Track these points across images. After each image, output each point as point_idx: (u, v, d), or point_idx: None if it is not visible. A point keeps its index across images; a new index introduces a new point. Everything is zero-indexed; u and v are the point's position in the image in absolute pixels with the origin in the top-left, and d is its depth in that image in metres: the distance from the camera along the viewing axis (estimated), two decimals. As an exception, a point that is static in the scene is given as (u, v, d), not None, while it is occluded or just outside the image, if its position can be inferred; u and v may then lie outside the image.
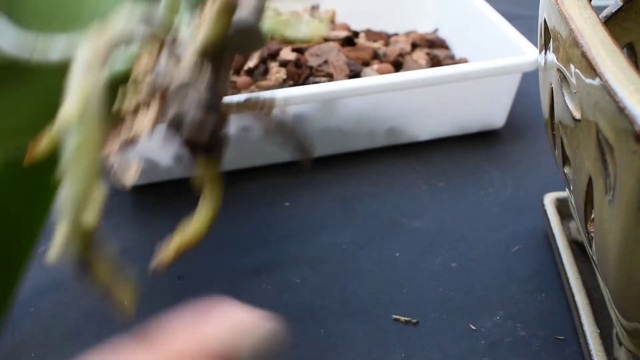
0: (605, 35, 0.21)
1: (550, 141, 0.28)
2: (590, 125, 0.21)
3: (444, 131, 0.42)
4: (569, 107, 0.23)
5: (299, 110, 0.38)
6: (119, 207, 0.39)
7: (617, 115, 0.18)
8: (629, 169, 0.18)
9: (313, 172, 0.40)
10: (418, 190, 0.39)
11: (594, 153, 0.21)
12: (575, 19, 0.22)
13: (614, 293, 0.22)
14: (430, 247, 0.34)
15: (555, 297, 0.31)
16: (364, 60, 0.44)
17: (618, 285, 0.21)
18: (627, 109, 0.18)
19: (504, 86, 0.40)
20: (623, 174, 0.18)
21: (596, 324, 0.27)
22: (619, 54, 0.20)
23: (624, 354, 0.25)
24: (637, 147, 0.17)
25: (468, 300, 0.31)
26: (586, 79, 0.21)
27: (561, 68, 0.24)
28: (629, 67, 0.19)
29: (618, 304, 0.22)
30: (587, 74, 0.20)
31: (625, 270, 0.20)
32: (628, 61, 0.19)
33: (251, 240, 0.35)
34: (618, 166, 0.19)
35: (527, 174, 0.39)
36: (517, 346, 0.28)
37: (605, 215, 0.21)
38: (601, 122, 0.20)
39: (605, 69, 0.19)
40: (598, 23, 0.22)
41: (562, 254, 0.31)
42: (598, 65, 0.20)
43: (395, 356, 0.28)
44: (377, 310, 0.31)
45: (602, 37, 0.21)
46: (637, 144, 0.17)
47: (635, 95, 0.18)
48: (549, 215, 0.33)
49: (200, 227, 0.22)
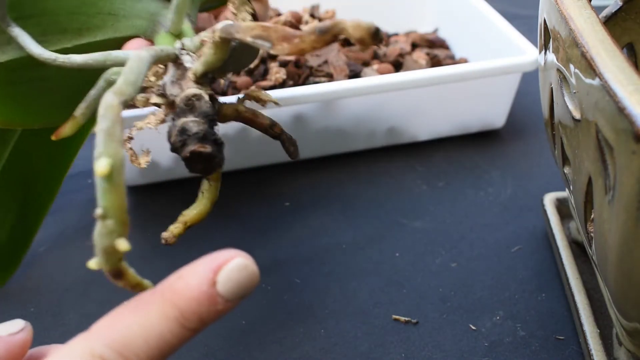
0: (605, 35, 0.21)
1: (550, 141, 0.28)
2: (590, 126, 0.21)
3: (444, 131, 0.42)
4: (568, 107, 0.23)
5: (299, 110, 0.38)
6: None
7: (617, 116, 0.18)
8: (629, 169, 0.18)
9: (313, 173, 0.40)
10: (418, 190, 0.39)
11: (594, 153, 0.21)
12: (575, 19, 0.22)
13: (614, 293, 0.22)
14: (430, 247, 0.34)
15: (555, 297, 0.31)
16: (364, 60, 0.44)
17: (618, 285, 0.21)
18: (627, 109, 0.18)
19: (504, 86, 0.40)
20: (623, 174, 0.18)
21: (596, 324, 0.27)
22: (618, 54, 0.20)
23: (623, 354, 0.25)
24: (636, 147, 0.17)
25: (468, 300, 0.31)
26: (586, 79, 0.21)
27: (561, 68, 0.24)
28: (628, 67, 0.19)
29: (618, 304, 0.22)
30: (587, 74, 0.20)
31: (625, 271, 0.20)
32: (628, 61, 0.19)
33: (251, 240, 0.35)
34: (618, 166, 0.19)
35: (527, 174, 0.40)
36: (517, 346, 0.28)
37: (605, 215, 0.21)
38: (601, 122, 0.20)
39: (605, 69, 0.19)
40: (598, 23, 0.22)
41: (562, 254, 0.31)
42: (598, 65, 0.20)
43: (395, 356, 0.28)
44: (377, 310, 0.31)
45: (602, 37, 0.21)
46: (636, 144, 0.17)
47: (635, 96, 0.18)
48: (548, 215, 0.33)
49: (202, 209, 0.25)
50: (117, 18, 0.27)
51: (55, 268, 0.34)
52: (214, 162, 0.23)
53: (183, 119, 0.23)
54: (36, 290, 0.33)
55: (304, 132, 0.39)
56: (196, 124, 0.23)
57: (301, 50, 0.21)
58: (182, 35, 0.26)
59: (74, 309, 0.31)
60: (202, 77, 0.24)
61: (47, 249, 0.35)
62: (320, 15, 0.50)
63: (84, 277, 0.33)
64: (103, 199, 0.18)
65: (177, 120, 0.23)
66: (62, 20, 0.25)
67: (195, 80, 0.24)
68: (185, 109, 0.23)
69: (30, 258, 0.34)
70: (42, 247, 0.35)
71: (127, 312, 0.17)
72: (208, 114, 0.24)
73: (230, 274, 0.17)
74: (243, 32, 0.22)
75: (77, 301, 0.32)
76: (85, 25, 0.26)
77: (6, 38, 0.24)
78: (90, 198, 0.39)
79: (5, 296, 0.32)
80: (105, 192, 0.18)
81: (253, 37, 0.22)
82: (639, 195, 0.18)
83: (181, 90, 0.24)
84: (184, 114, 0.23)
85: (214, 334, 0.30)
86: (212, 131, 0.23)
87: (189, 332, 0.17)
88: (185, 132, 0.23)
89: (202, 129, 0.23)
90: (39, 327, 0.31)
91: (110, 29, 0.26)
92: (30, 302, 0.32)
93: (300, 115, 0.38)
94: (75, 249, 0.35)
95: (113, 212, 0.18)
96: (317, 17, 0.49)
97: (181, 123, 0.23)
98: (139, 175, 0.39)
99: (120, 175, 0.18)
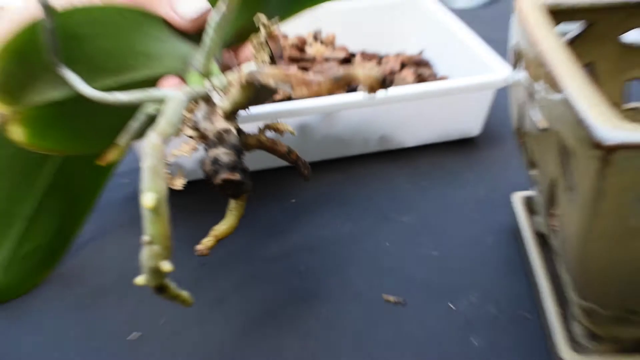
0: (568, 57, 0.21)
1: (519, 148, 0.28)
2: (554, 134, 0.21)
3: (428, 139, 0.42)
4: (535, 118, 0.23)
5: (304, 120, 0.38)
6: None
7: (577, 126, 0.18)
8: (587, 171, 0.18)
9: (316, 174, 0.40)
10: (405, 190, 0.39)
11: (557, 158, 0.21)
12: (542, 42, 0.22)
13: (573, 278, 0.22)
14: (416, 238, 0.34)
15: (522, 281, 0.31)
16: (360, 78, 0.44)
17: (576, 271, 0.21)
18: (586, 121, 0.18)
19: (480, 100, 0.40)
20: (582, 176, 0.18)
21: (556, 303, 0.27)
22: (579, 73, 0.20)
23: (579, 328, 0.25)
24: (594, 153, 0.17)
25: (447, 283, 0.31)
26: (551, 94, 0.21)
27: (529, 85, 0.24)
28: (587, 84, 0.19)
29: (576, 287, 0.22)
30: (552, 90, 0.20)
31: (583, 258, 0.20)
32: (587, 79, 0.19)
33: (263, 232, 0.36)
34: (578, 169, 0.19)
35: (498, 176, 0.40)
36: (489, 322, 0.29)
37: (566, 211, 0.21)
38: (563, 131, 0.20)
39: (567, 86, 0.19)
40: (561, 46, 0.22)
41: (528, 245, 0.31)
42: (561, 82, 0.20)
43: (386, 331, 0.29)
44: (370, 292, 0.31)
45: (565, 58, 0.21)
46: (594, 150, 0.17)
47: (593, 109, 0.18)
48: (517, 211, 0.33)
49: (231, 224, 0.26)
50: (150, 58, 0.27)
51: (92, 260, 0.34)
52: (242, 188, 0.23)
53: (215, 151, 0.23)
54: (76, 277, 0.33)
55: (308, 139, 0.39)
56: (227, 155, 0.23)
57: (317, 93, 0.21)
58: (210, 74, 0.26)
59: (111, 293, 0.32)
60: (230, 113, 0.24)
61: (86, 241, 0.35)
62: (322, 38, 0.50)
63: (119, 269, 0.33)
64: (150, 228, 0.18)
65: (210, 152, 0.23)
66: (102, 61, 0.26)
67: (224, 117, 0.24)
68: (216, 141, 0.23)
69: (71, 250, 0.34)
70: (83, 238, 0.35)
71: None
72: (236, 146, 0.24)
73: None
74: (267, 77, 0.22)
75: (113, 290, 0.32)
76: (123, 65, 0.26)
77: (58, 78, 0.24)
78: (126, 196, 0.39)
79: (46, 284, 0.33)
80: (151, 222, 0.18)
81: (276, 81, 0.22)
82: (595, 194, 0.18)
83: (212, 125, 0.24)
84: (215, 146, 0.23)
85: (236, 312, 0.30)
86: (240, 160, 0.23)
87: None
88: (217, 162, 0.23)
89: (232, 159, 0.23)
90: (78, 308, 0.31)
91: (145, 68, 0.26)
92: (70, 288, 0.32)
93: (305, 125, 0.38)
94: (112, 244, 0.35)
95: (158, 239, 0.18)
96: (320, 40, 0.49)
97: (213, 154, 0.23)
98: (166, 175, 0.39)
99: (164, 207, 0.18)
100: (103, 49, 0.25)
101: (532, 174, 0.27)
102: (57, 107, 0.24)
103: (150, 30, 0.27)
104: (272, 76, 0.21)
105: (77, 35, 0.25)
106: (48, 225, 0.31)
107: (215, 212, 0.28)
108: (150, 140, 0.19)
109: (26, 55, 0.23)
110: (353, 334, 0.28)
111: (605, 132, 0.17)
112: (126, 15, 0.26)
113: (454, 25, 0.46)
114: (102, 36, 0.25)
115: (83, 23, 0.25)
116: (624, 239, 0.19)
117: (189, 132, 0.24)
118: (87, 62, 0.25)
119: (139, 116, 0.25)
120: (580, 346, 0.25)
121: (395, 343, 0.28)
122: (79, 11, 0.25)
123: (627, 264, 0.19)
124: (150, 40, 0.27)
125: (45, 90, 0.24)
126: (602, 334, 0.24)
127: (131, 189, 0.40)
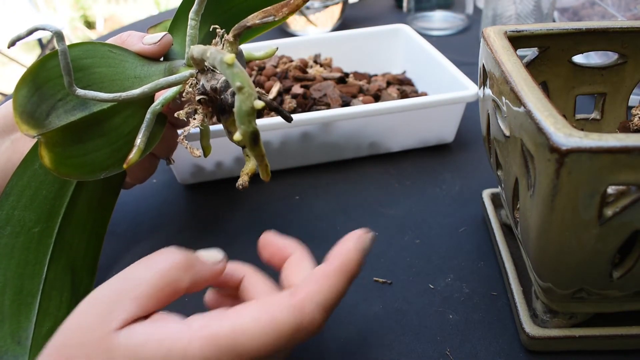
0: (527, 76, 0.21)
1: (487, 152, 0.28)
2: (517, 140, 0.21)
3: (410, 144, 0.42)
4: (501, 127, 0.23)
5: (306, 129, 0.38)
6: (176, 200, 0.39)
7: (536, 133, 0.18)
8: (545, 172, 0.18)
9: (316, 175, 0.40)
10: (391, 188, 0.39)
11: (520, 160, 0.21)
12: (505, 63, 0.22)
13: (533, 261, 0.22)
14: (401, 228, 0.34)
15: (491, 264, 0.31)
16: (353, 94, 0.44)
17: (536, 255, 0.21)
18: (544, 129, 0.18)
19: (453, 112, 0.40)
20: (540, 176, 0.18)
21: (520, 283, 0.27)
22: (537, 89, 0.20)
23: (539, 305, 0.25)
24: (551, 156, 0.17)
25: (428, 267, 0.31)
26: (513, 107, 0.21)
27: (495, 99, 0.24)
28: (544, 98, 0.19)
29: (536, 269, 0.22)
30: (514, 104, 0.20)
31: (541, 245, 0.20)
32: (544, 94, 0.19)
33: (271, 224, 0.35)
34: (537, 170, 0.19)
35: (470, 175, 0.39)
36: (463, 300, 0.28)
37: (527, 205, 0.21)
38: (525, 138, 0.20)
39: (528, 100, 0.19)
40: (521, 67, 0.22)
41: (496, 234, 0.31)
42: (522, 97, 0.20)
43: (375, 307, 0.28)
44: (362, 274, 0.31)
45: (525, 77, 0.21)
46: (550, 154, 0.17)
47: (549, 119, 0.18)
48: (486, 205, 0.33)
49: (252, 164, 0.24)
50: (142, 79, 0.27)
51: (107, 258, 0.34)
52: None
53: (223, 77, 0.22)
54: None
55: (309, 145, 0.39)
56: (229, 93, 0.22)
57: (297, 6, 0.20)
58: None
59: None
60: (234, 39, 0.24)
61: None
62: (321, 61, 0.50)
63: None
64: (236, 79, 0.18)
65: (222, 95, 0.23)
66: (107, 85, 0.26)
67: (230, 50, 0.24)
68: (223, 86, 0.23)
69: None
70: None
71: (320, 278, 0.19)
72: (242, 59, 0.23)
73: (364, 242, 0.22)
74: (252, 19, 0.21)
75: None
76: (122, 88, 0.26)
77: (73, 102, 0.24)
78: (135, 209, 0.39)
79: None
80: (235, 75, 0.18)
81: (260, 19, 0.21)
82: (551, 191, 0.18)
83: (215, 80, 0.23)
84: (225, 90, 0.22)
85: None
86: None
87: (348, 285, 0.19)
88: (225, 90, 0.22)
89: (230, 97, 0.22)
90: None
91: (140, 87, 0.25)
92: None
93: (306, 133, 0.38)
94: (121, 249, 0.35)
95: (246, 83, 0.17)
96: (319, 63, 0.49)
97: (222, 79, 0.22)
98: (190, 176, 0.39)
99: (240, 63, 0.18)
100: (105, 74, 0.26)
101: (498, 174, 0.27)
102: (73, 130, 0.24)
103: (134, 60, 0.27)
104: (255, 17, 0.21)
105: (82, 66, 0.25)
106: (60, 298, 0.27)
107: (232, 209, 0.28)
108: (225, 57, 0.18)
109: (46, 84, 0.24)
110: (349, 308, 0.28)
111: (560, 139, 0.17)
112: (113, 50, 0.27)
113: (432, 50, 0.46)
114: (100, 65, 0.26)
115: (82, 56, 0.25)
116: (576, 230, 0.19)
117: (199, 97, 0.24)
118: (96, 85, 0.25)
119: (147, 117, 0.25)
120: (541, 320, 0.25)
121: (384, 317, 0.28)
122: (74, 46, 0.25)
123: (579, 251, 0.19)
124: (137, 67, 0.27)
125: (64, 115, 0.24)
126: (558, 309, 0.24)
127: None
